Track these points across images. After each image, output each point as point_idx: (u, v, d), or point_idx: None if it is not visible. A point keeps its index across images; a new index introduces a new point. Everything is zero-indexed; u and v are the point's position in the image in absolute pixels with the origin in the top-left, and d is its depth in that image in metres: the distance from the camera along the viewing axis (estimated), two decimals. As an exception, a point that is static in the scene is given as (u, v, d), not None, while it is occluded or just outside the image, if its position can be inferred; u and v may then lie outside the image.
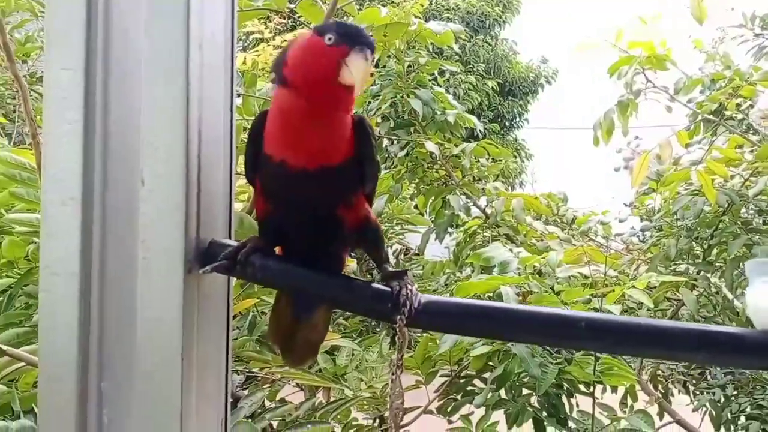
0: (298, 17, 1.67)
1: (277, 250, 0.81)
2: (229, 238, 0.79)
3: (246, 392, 2.28)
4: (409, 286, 0.69)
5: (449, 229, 3.15)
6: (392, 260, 3.86)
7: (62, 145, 0.73)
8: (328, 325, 0.97)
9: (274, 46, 3.37)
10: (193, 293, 0.72)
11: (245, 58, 3.49)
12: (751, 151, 2.41)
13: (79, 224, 0.72)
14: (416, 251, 4.01)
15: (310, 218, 0.77)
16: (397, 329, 0.65)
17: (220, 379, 0.80)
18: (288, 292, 0.84)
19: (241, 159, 0.86)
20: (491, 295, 2.36)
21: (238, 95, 1.40)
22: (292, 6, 1.56)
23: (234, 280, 0.91)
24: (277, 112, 0.76)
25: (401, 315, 0.65)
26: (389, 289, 0.70)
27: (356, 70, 0.71)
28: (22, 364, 1.51)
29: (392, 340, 0.76)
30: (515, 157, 9.56)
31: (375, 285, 0.73)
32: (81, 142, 0.72)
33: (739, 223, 2.28)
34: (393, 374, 0.65)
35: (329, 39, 0.72)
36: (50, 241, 0.74)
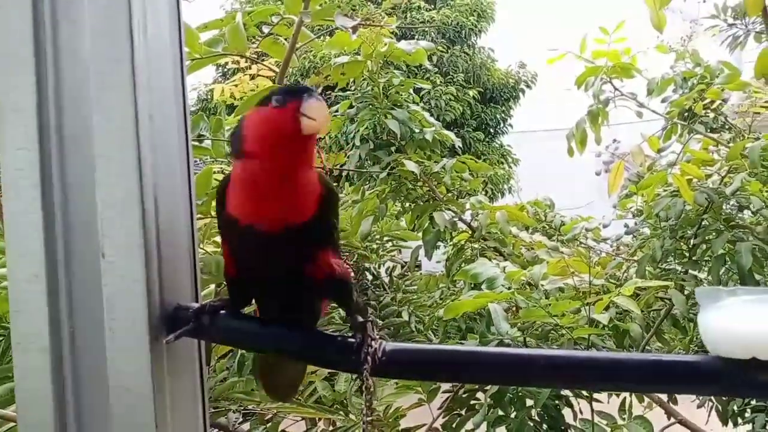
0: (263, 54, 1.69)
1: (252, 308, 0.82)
2: (196, 299, 0.80)
3: (246, 427, 2.27)
4: (371, 336, 0.70)
5: (440, 243, 3.15)
6: (385, 278, 3.87)
7: (23, 223, 0.74)
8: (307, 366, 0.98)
9: (250, 75, 3.39)
10: (162, 360, 0.73)
11: (222, 89, 3.51)
12: (727, 146, 2.44)
13: (45, 299, 0.73)
14: (408, 268, 4.01)
15: (275, 275, 0.78)
16: (363, 382, 0.66)
17: (199, 440, 0.80)
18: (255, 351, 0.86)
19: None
20: (481, 312, 2.37)
21: (206, 139, 1.42)
22: (254, 46, 1.58)
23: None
24: (237, 182, 0.77)
25: (365, 367, 0.66)
26: (353, 341, 0.71)
27: (316, 112, 0.72)
28: (12, 424, 1.51)
29: (360, 390, 0.77)
30: (502, 163, 9.60)
31: (339, 338, 0.74)
32: (41, 218, 0.74)
33: (722, 220, 2.29)
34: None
35: (276, 101, 0.74)
36: (19, 317, 0.75)
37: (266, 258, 0.77)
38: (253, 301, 0.84)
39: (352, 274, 0.83)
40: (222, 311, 0.75)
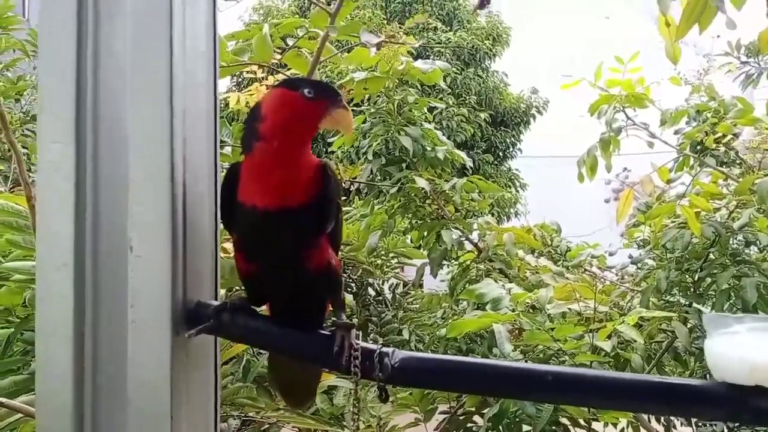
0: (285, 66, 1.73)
1: (265, 308, 0.85)
2: (215, 297, 0.82)
3: (243, 435, 2.27)
4: (354, 341, 0.74)
5: (445, 262, 3.17)
6: (388, 294, 3.88)
7: (54, 213, 0.77)
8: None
9: (266, 86, 3.43)
10: (182, 354, 0.75)
11: (238, 98, 3.55)
12: (737, 181, 2.45)
13: (71, 289, 0.76)
14: (412, 285, 4.01)
15: (278, 260, 0.81)
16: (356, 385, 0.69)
17: (209, 435, 0.82)
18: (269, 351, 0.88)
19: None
20: (485, 331, 2.38)
21: (227, 146, 1.45)
22: (278, 58, 1.62)
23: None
24: (248, 168, 0.81)
25: (354, 369, 0.70)
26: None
27: (343, 120, 0.81)
28: (20, 415, 1.52)
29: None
30: (509, 186, 9.62)
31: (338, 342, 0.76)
32: (72, 210, 0.76)
33: (728, 254, 2.30)
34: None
35: (309, 93, 0.78)
36: (45, 304, 0.78)
37: (267, 240, 0.80)
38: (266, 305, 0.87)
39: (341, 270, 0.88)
40: (241, 310, 0.78)
